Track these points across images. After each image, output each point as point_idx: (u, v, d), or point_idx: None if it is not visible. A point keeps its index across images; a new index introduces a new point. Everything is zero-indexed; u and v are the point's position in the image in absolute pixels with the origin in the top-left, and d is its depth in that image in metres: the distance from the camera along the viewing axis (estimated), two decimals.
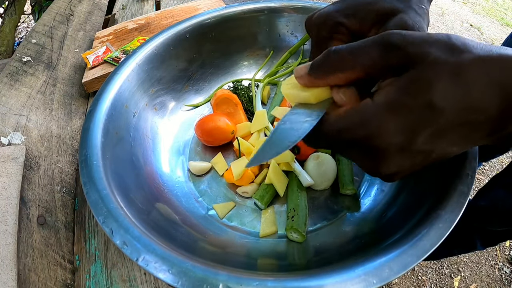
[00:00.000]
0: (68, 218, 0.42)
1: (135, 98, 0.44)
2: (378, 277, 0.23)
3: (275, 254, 0.36)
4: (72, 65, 0.65)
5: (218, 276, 0.24)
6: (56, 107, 0.55)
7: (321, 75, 0.22)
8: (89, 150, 0.34)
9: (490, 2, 2.48)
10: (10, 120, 0.49)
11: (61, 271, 0.37)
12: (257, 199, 0.40)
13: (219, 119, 0.46)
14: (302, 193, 0.40)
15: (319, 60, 0.22)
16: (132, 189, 0.35)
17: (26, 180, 0.42)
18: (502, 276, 1.02)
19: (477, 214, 0.69)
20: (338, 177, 0.42)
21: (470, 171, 0.29)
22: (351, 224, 0.38)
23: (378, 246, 0.27)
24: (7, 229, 0.35)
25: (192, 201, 0.42)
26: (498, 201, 0.64)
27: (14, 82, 0.56)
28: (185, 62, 0.52)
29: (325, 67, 0.22)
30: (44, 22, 0.74)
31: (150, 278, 0.37)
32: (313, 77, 0.22)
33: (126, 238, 0.26)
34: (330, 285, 0.23)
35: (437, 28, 2.11)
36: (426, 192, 0.31)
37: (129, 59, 0.45)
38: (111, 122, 0.38)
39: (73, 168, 0.48)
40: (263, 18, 0.54)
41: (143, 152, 0.42)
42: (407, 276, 1.01)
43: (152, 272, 0.24)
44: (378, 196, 0.40)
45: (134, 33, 0.69)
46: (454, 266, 1.03)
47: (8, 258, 0.33)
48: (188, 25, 0.51)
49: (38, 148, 0.47)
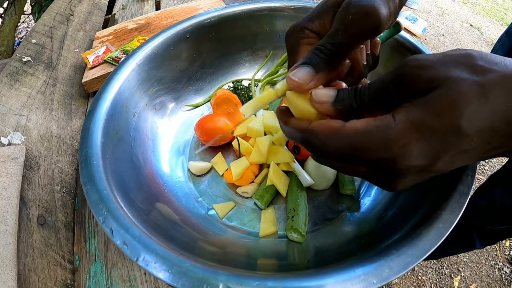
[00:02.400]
0: (68, 218, 0.42)
1: (135, 98, 0.44)
2: (378, 277, 0.23)
3: (275, 254, 0.36)
4: (72, 65, 0.65)
5: (218, 276, 0.24)
6: (56, 107, 0.55)
7: (346, 112, 0.22)
8: (89, 150, 0.34)
9: (490, 2, 2.48)
10: (10, 120, 0.49)
11: (61, 271, 0.37)
12: (257, 199, 0.40)
13: (219, 119, 0.46)
14: (302, 193, 0.40)
15: (347, 98, 0.21)
16: (132, 189, 0.35)
17: (26, 180, 0.42)
18: (502, 276, 1.02)
19: (475, 213, 0.69)
20: (338, 177, 0.42)
21: (470, 171, 0.29)
22: (351, 224, 0.38)
23: (378, 246, 0.27)
24: (7, 229, 0.35)
25: (192, 201, 0.42)
26: (496, 199, 0.64)
27: (14, 82, 0.56)
28: (185, 62, 0.52)
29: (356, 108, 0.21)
30: (44, 22, 0.74)
31: (150, 278, 0.37)
32: (335, 111, 0.22)
33: (126, 238, 0.26)
34: (330, 285, 0.23)
35: (437, 28, 2.11)
36: (426, 192, 0.31)
37: (129, 59, 0.45)
38: (111, 122, 0.38)
39: (73, 168, 0.48)
40: (263, 18, 0.54)
41: (143, 152, 0.42)
42: (407, 276, 1.01)
43: (152, 272, 0.24)
44: (378, 196, 0.40)
45: (134, 33, 0.69)
46: (454, 266, 1.03)
47: (8, 258, 0.33)
48: (188, 25, 0.51)
49: (38, 148, 0.47)
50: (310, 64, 0.23)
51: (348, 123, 0.20)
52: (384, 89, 0.20)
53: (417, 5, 2.27)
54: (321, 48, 0.23)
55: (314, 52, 0.23)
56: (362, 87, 0.21)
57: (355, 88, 0.21)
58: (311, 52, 0.23)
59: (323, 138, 0.21)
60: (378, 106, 0.21)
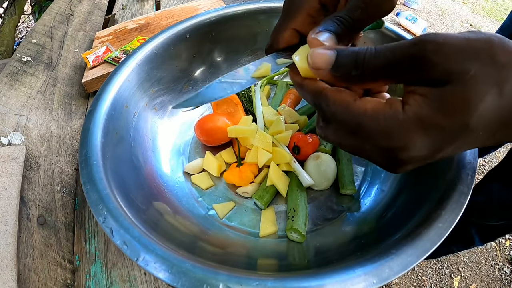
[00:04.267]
0: (68, 218, 0.42)
1: (135, 98, 0.44)
2: (378, 277, 0.23)
3: (275, 254, 0.36)
4: (72, 65, 0.65)
5: (218, 276, 0.24)
6: (56, 107, 0.55)
7: (346, 78, 0.21)
8: (89, 150, 0.34)
9: (490, 2, 2.48)
10: (10, 120, 0.49)
11: (61, 271, 0.37)
12: (257, 199, 0.40)
13: (219, 119, 0.46)
14: (302, 193, 0.40)
15: (346, 60, 0.20)
16: (132, 189, 0.35)
17: (26, 180, 0.42)
18: (502, 276, 1.02)
19: (474, 209, 0.69)
20: (338, 177, 0.42)
21: (470, 171, 0.29)
22: (351, 224, 0.38)
23: (378, 246, 0.27)
24: (7, 229, 0.35)
25: (192, 201, 0.42)
26: (494, 195, 0.64)
27: (14, 82, 0.56)
28: (185, 62, 0.52)
29: (355, 74, 0.20)
30: (44, 22, 0.74)
31: (150, 278, 0.37)
32: (334, 76, 0.21)
33: (126, 238, 0.26)
34: (330, 285, 0.23)
35: (437, 28, 2.11)
36: (426, 192, 0.31)
37: (129, 59, 0.45)
38: (111, 122, 0.38)
39: (73, 168, 0.48)
40: (263, 18, 0.54)
41: (143, 152, 0.42)
42: (407, 276, 1.01)
43: (152, 272, 0.24)
44: (378, 196, 0.40)
45: (134, 33, 0.69)
46: (454, 266, 1.03)
47: (8, 258, 0.33)
48: (188, 25, 0.51)
49: (38, 148, 0.47)
50: (331, 31, 0.23)
51: (360, 101, 0.20)
52: (393, 64, 0.19)
53: (417, 5, 2.27)
54: (341, 19, 0.23)
55: (335, 21, 0.23)
56: (366, 52, 0.19)
57: (357, 52, 0.20)
58: (331, 21, 0.23)
59: (333, 108, 0.21)
60: (383, 78, 0.20)
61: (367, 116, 0.20)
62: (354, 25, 0.23)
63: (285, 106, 0.49)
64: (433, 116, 0.18)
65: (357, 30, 0.24)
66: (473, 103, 0.17)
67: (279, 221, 0.40)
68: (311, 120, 0.49)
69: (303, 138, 0.43)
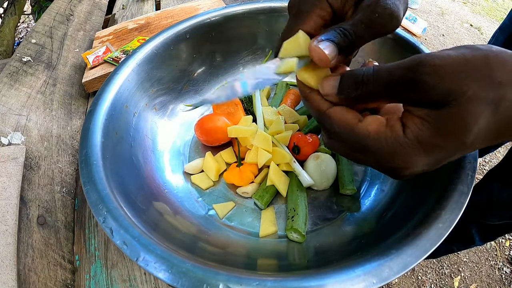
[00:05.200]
0: (68, 218, 0.42)
1: (135, 98, 0.44)
2: (378, 277, 0.23)
3: (275, 254, 0.36)
4: (72, 65, 0.65)
5: (218, 276, 0.24)
6: (56, 107, 0.55)
7: (350, 100, 0.22)
8: (89, 150, 0.34)
9: (490, 2, 2.48)
10: (10, 120, 0.49)
11: (61, 271, 0.37)
12: (257, 199, 0.40)
13: (219, 119, 0.46)
14: (302, 193, 0.40)
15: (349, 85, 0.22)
16: (132, 189, 0.35)
17: (26, 180, 0.42)
18: (502, 276, 1.02)
19: (474, 208, 0.69)
20: (338, 177, 0.42)
21: (470, 171, 0.29)
22: (351, 224, 0.38)
23: (378, 246, 0.27)
24: (7, 229, 0.35)
25: (192, 201, 0.42)
26: (494, 195, 0.65)
27: (14, 82, 0.56)
28: (185, 62, 0.52)
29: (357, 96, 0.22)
30: (44, 22, 0.74)
31: (150, 278, 0.37)
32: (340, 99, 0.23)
33: (126, 238, 0.26)
34: (330, 285, 0.23)
35: (437, 28, 2.11)
36: (426, 192, 0.31)
37: (129, 59, 0.45)
38: (111, 122, 0.38)
39: (73, 168, 0.48)
40: (263, 18, 0.54)
41: (143, 152, 0.42)
42: (407, 276, 1.01)
43: (152, 272, 0.24)
44: (378, 196, 0.40)
45: (134, 33, 0.69)
46: (454, 266, 1.03)
47: (8, 258, 0.33)
48: (188, 25, 0.51)
49: (38, 148, 0.47)
50: (334, 42, 0.23)
51: (362, 123, 0.21)
52: (391, 86, 0.20)
53: (417, 5, 2.27)
54: (345, 32, 0.23)
55: (338, 33, 0.23)
56: (364, 75, 0.21)
57: (356, 75, 0.21)
58: (335, 32, 0.23)
59: (337, 128, 0.22)
60: (382, 98, 0.21)
61: (370, 139, 0.21)
62: (356, 41, 0.23)
63: (285, 106, 0.49)
64: (433, 139, 0.19)
65: (358, 45, 0.24)
66: (470, 124, 0.18)
67: (279, 221, 0.40)
68: (311, 120, 0.49)
69: (303, 138, 0.43)
